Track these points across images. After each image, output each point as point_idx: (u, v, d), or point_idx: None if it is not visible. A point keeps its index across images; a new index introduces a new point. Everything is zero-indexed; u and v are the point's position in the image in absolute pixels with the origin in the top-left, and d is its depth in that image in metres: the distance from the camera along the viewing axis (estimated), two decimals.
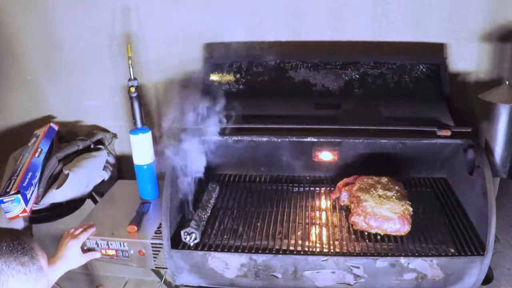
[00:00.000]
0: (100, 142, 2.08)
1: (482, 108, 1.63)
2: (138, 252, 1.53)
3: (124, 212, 1.68)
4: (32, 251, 1.00)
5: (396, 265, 1.37)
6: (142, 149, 1.74)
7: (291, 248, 1.44)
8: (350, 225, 1.51)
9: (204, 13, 1.85)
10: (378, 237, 1.47)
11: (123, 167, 2.19)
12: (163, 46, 1.95)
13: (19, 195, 1.65)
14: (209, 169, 1.84)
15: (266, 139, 1.63)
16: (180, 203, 1.56)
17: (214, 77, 1.84)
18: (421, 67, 1.77)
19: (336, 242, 1.45)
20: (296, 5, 1.82)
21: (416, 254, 1.38)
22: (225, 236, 1.51)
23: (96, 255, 1.54)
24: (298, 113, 1.71)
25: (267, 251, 1.42)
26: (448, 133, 1.56)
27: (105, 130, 2.14)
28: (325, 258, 1.39)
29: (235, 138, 1.63)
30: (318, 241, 1.48)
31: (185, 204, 1.56)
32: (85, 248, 1.54)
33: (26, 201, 1.68)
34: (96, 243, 1.54)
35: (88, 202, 1.95)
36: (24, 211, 1.68)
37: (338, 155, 1.67)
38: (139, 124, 1.74)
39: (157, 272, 1.91)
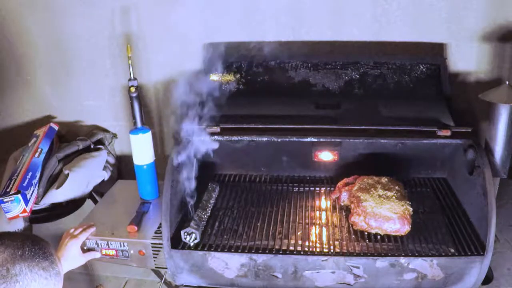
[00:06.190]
0: (100, 142, 2.09)
1: (482, 108, 1.63)
2: (138, 252, 1.53)
3: (124, 212, 1.68)
4: (51, 256, 1.02)
5: (396, 265, 1.37)
6: (142, 149, 1.74)
7: (291, 248, 1.44)
8: (350, 225, 1.51)
9: (204, 13, 1.85)
10: (378, 237, 1.46)
11: (123, 167, 2.19)
12: (163, 46, 1.95)
13: (19, 195, 1.65)
14: (209, 169, 1.84)
15: (266, 139, 1.63)
16: (180, 203, 1.56)
17: (214, 77, 1.84)
18: (421, 67, 1.77)
19: (336, 242, 1.45)
20: (296, 5, 1.82)
21: (416, 254, 1.38)
22: (225, 236, 1.51)
23: (96, 255, 1.54)
24: (298, 113, 1.71)
25: (267, 251, 1.42)
26: (448, 133, 1.56)
27: (105, 130, 2.14)
28: (325, 258, 1.39)
29: (235, 138, 1.63)
30: (318, 241, 1.48)
31: (185, 204, 1.56)
32: (85, 248, 1.54)
33: (26, 201, 1.68)
34: (96, 243, 1.54)
35: (88, 202, 1.95)
36: (24, 211, 1.68)
37: (338, 155, 1.67)
38: (139, 124, 1.74)
39: (157, 272, 1.91)
